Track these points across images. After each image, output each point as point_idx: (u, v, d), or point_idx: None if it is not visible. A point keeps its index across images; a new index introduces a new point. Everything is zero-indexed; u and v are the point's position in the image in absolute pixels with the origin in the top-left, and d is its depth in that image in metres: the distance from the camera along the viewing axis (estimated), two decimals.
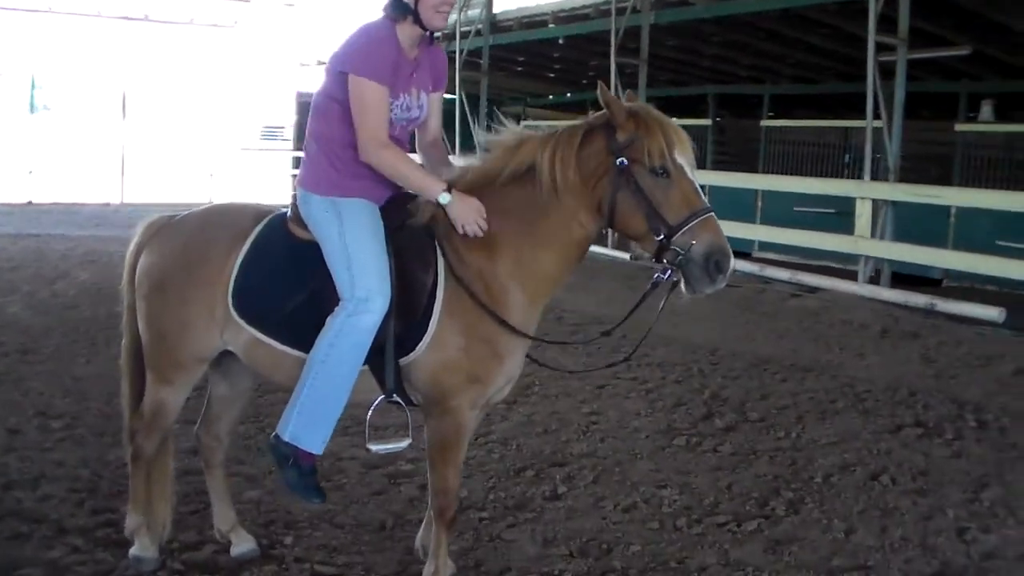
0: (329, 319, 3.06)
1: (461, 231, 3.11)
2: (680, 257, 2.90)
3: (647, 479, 4.66)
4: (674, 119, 3.09)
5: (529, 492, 4.47)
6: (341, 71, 3.12)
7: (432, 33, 3.25)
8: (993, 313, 8.40)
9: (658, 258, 2.99)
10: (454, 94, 17.13)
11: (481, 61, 17.17)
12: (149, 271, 3.38)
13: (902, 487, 4.62)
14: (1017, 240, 10.11)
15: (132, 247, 3.51)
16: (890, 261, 10.36)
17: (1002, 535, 4.10)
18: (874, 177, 10.45)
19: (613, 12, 13.46)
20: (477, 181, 3.16)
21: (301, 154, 3.53)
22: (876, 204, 10.35)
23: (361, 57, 3.09)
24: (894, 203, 10.26)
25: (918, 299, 9.33)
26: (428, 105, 3.38)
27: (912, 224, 10.68)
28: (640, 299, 3.13)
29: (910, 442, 5.31)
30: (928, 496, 4.51)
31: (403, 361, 3.12)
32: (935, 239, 10.93)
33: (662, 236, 2.92)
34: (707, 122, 18.45)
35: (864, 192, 10.30)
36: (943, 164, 14.43)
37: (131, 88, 25.27)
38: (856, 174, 14.20)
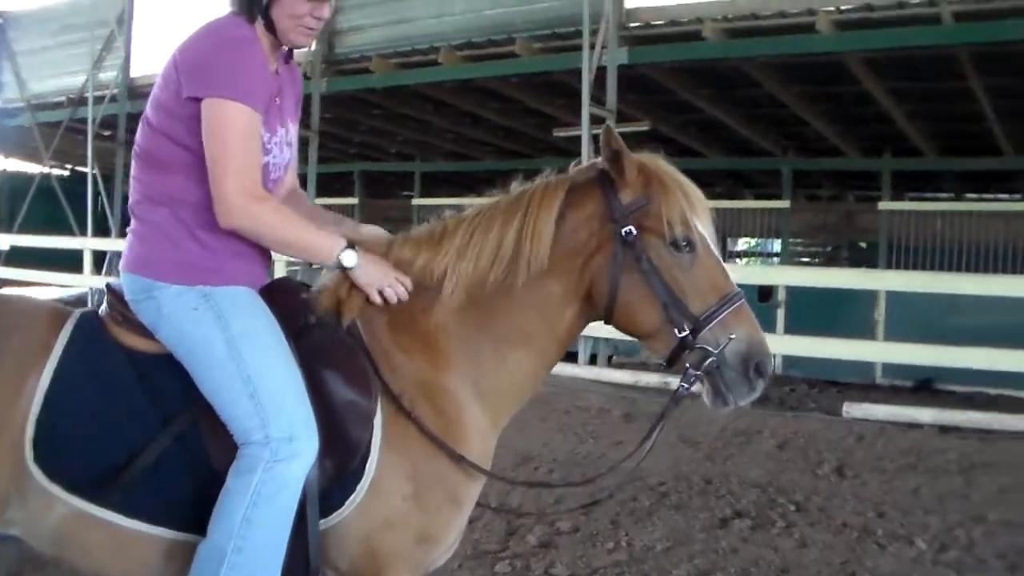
0: (232, 480, 2.07)
1: (378, 299, 2.30)
2: (711, 359, 2.24)
3: None
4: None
5: None
6: (190, 96, 2.16)
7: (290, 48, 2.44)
8: None
9: (673, 362, 2.31)
10: (85, 167, 15.17)
11: (116, 132, 15.35)
12: None
13: None
14: None
15: None
16: (607, 341, 10.42)
17: None
18: None
19: None
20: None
21: None
22: None
23: (219, 69, 2.16)
24: None
25: (650, 378, 9.40)
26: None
27: None
28: (659, 418, 2.46)
29: (748, 536, 4.98)
30: None
31: (323, 525, 2.17)
32: None
33: (686, 332, 2.25)
34: (354, 201, 18.62)
35: None
36: None
37: None
38: None
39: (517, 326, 2.36)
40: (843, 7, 9.58)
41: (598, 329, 8.74)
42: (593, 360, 10.56)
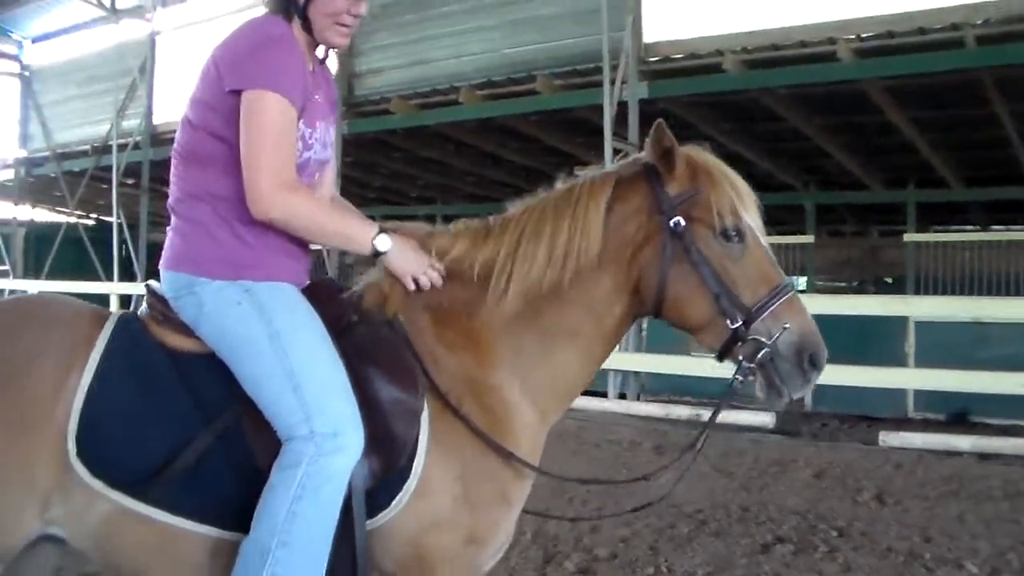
0: (276, 474, 2.04)
1: (411, 285, 2.29)
2: (765, 351, 2.22)
3: None
4: None
5: None
6: (231, 88, 2.17)
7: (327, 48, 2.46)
8: (765, 419, 8.49)
9: (725, 355, 2.30)
10: (110, 217, 15.29)
11: (140, 180, 15.54)
12: None
13: None
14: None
15: None
16: (636, 374, 10.33)
17: None
18: None
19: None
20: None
21: None
22: None
23: (258, 62, 2.17)
24: None
25: (680, 411, 9.29)
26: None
27: None
28: (717, 409, 2.47)
29: (791, 561, 4.86)
30: None
31: (369, 525, 2.13)
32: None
33: (738, 323, 2.23)
34: None
35: None
36: None
37: None
38: None
39: (564, 322, 2.33)
40: (863, 34, 9.57)
41: (627, 363, 8.63)
42: (623, 396, 10.44)
